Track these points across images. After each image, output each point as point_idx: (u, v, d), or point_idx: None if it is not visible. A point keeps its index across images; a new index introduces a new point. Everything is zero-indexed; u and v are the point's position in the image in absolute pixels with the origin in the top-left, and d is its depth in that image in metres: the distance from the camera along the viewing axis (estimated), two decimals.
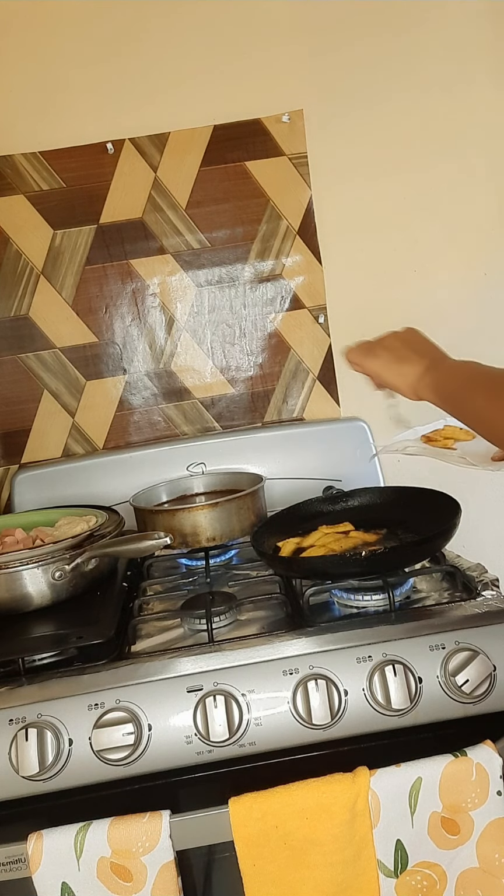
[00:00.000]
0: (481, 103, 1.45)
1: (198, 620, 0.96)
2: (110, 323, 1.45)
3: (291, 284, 1.46)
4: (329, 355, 1.48)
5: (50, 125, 1.39)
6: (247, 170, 1.42)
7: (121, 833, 0.78)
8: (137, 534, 1.07)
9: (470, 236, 1.48)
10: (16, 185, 1.40)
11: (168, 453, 1.41)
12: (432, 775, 0.79)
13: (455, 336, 1.50)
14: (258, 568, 1.12)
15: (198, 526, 1.14)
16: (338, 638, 0.85)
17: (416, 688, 0.81)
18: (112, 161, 1.40)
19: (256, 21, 1.39)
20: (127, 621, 0.97)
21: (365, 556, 0.91)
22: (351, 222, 1.46)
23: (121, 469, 1.41)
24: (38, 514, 1.22)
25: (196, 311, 1.46)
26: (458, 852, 0.80)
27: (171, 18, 1.38)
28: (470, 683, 0.81)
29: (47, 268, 1.42)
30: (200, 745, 0.80)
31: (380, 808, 0.78)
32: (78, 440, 1.47)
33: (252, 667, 0.83)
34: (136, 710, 0.81)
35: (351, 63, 1.41)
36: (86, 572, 1.00)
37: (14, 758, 0.79)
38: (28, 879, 0.78)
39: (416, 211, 1.47)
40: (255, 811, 0.78)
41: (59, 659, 0.91)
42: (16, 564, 0.97)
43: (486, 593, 0.92)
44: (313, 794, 0.78)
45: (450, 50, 1.42)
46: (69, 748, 0.80)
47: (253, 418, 1.50)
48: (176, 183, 1.42)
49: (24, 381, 1.45)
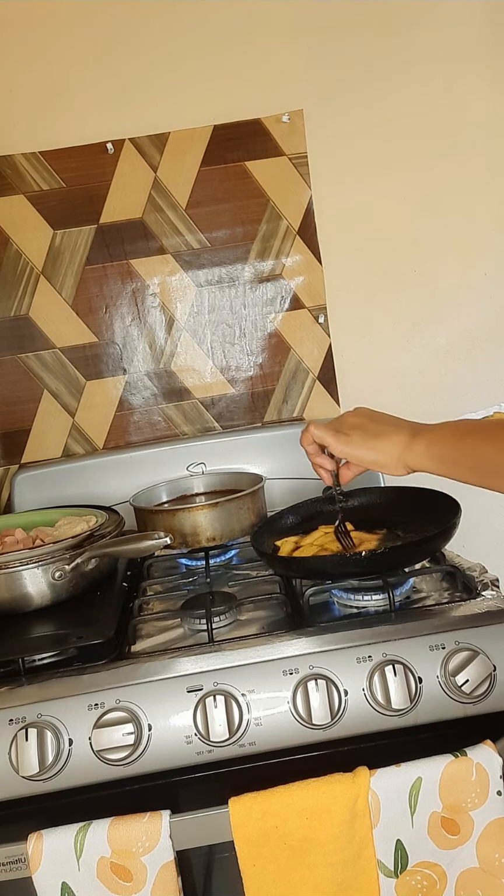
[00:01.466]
0: (481, 103, 1.45)
1: (198, 620, 0.96)
2: (110, 323, 1.45)
3: (291, 284, 1.46)
4: (329, 355, 1.48)
5: (50, 125, 1.39)
6: (247, 170, 1.42)
7: (121, 833, 0.78)
8: (137, 534, 1.07)
9: (470, 236, 1.48)
10: (16, 185, 1.40)
11: (168, 453, 1.41)
12: (432, 775, 0.79)
13: (455, 336, 1.51)
14: (258, 568, 1.12)
15: (198, 526, 1.14)
16: (338, 638, 0.85)
17: (416, 688, 0.81)
18: (112, 161, 1.40)
19: (256, 21, 1.39)
20: (127, 621, 0.97)
21: (365, 556, 0.91)
22: (351, 222, 1.46)
23: (121, 469, 1.40)
24: (38, 514, 1.22)
25: (196, 311, 1.46)
26: (458, 852, 0.80)
27: (171, 18, 1.38)
28: (470, 683, 0.81)
29: (47, 268, 1.42)
30: (200, 745, 0.80)
31: (380, 808, 0.78)
32: (78, 440, 1.47)
33: (252, 667, 0.83)
34: (136, 710, 0.81)
35: (351, 63, 1.41)
36: (86, 572, 1.00)
37: (14, 758, 0.79)
38: (28, 879, 0.78)
39: (416, 211, 1.47)
40: (255, 811, 0.78)
41: (59, 659, 0.91)
42: (16, 564, 0.97)
43: (486, 593, 0.92)
44: (313, 794, 0.78)
45: (450, 49, 1.43)
46: (69, 748, 0.80)
47: (253, 418, 1.50)
48: (176, 183, 1.42)
49: (24, 381, 1.45)
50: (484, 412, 1.16)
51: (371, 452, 0.92)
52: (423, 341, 1.51)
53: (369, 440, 0.92)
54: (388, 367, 1.51)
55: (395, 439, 0.90)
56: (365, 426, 0.94)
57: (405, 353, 1.51)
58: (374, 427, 0.93)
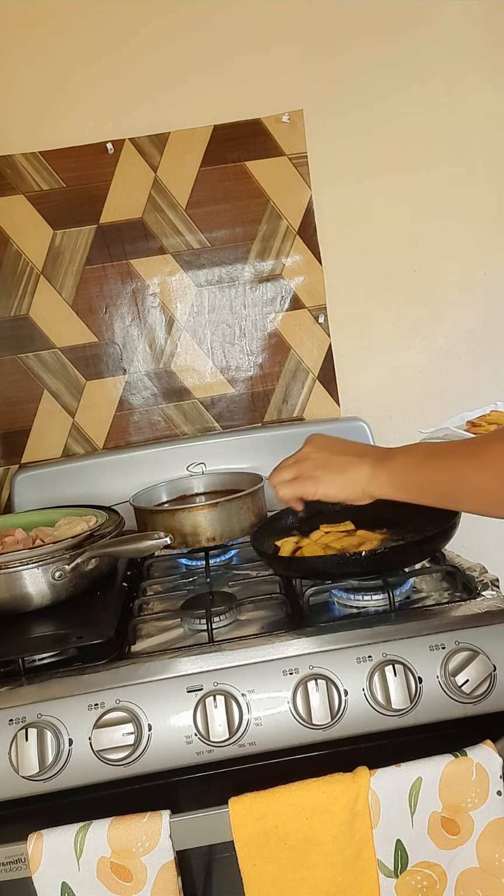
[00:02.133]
0: (481, 103, 1.45)
1: (198, 620, 0.96)
2: (110, 323, 1.45)
3: (291, 284, 1.46)
4: (329, 355, 1.48)
5: (50, 125, 1.39)
6: (247, 170, 1.42)
7: (121, 833, 0.78)
8: (137, 534, 1.07)
9: (470, 236, 1.48)
10: (16, 185, 1.40)
11: (168, 453, 1.41)
12: (432, 775, 0.79)
13: (455, 336, 1.51)
14: (258, 568, 1.12)
15: (198, 526, 1.14)
16: (338, 638, 0.85)
17: (416, 688, 0.81)
18: (112, 161, 1.40)
19: (256, 21, 1.39)
20: (127, 621, 0.97)
21: (365, 555, 0.91)
22: (351, 222, 1.46)
23: (121, 469, 1.41)
24: (38, 514, 1.22)
25: (196, 311, 1.46)
26: (458, 852, 0.80)
27: (171, 18, 1.38)
28: (470, 683, 0.81)
29: (47, 268, 1.42)
30: (200, 745, 0.80)
31: (380, 808, 0.78)
32: (78, 440, 1.47)
33: (252, 667, 0.83)
34: (136, 710, 0.81)
35: (351, 63, 1.41)
36: (86, 572, 1.00)
37: (14, 758, 0.79)
38: (28, 879, 0.78)
39: (416, 211, 1.47)
40: (255, 811, 0.78)
41: (59, 659, 0.91)
42: (16, 564, 0.96)
43: (486, 593, 0.92)
44: (313, 794, 0.78)
45: (450, 49, 1.43)
46: (69, 748, 0.80)
47: (253, 418, 1.50)
48: (176, 183, 1.42)
49: (24, 381, 1.45)
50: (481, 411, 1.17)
51: (336, 489, 0.93)
52: (423, 341, 1.51)
53: (334, 476, 0.93)
54: (388, 367, 1.51)
55: (358, 471, 0.91)
56: (327, 462, 0.94)
57: (405, 353, 1.51)
58: (336, 461, 0.93)
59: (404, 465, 0.87)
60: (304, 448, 0.99)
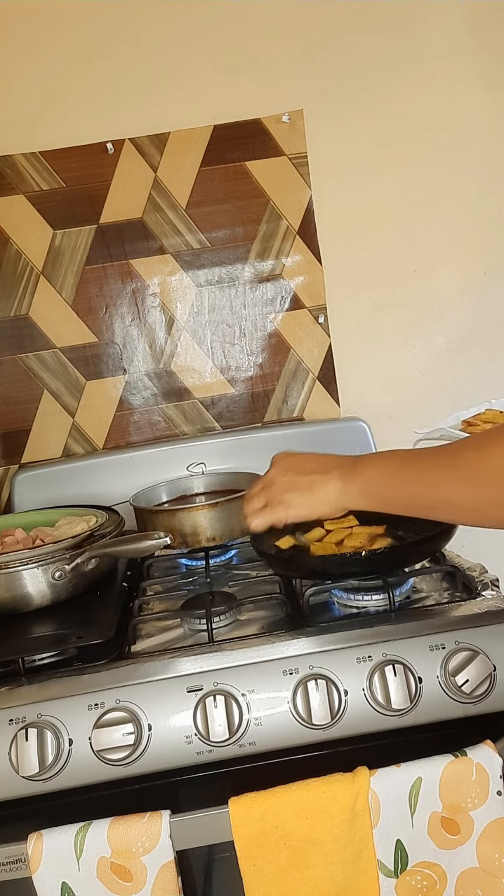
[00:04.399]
0: (481, 103, 1.45)
1: (198, 620, 0.96)
2: (110, 323, 1.45)
3: (291, 284, 1.46)
4: (329, 355, 1.48)
5: (50, 125, 1.39)
6: (247, 170, 1.42)
7: (121, 833, 0.78)
8: (137, 534, 1.07)
9: (470, 236, 1.48)
10: (16, 185, 1.40)
11: (168, 453, 1.41)
12: (432, 775, 0.79)
13: (455, 336, 1.51)
14: (258, 568, 1.12)
15: (198, 526, 1.14)
16: (338, 638, 0.85)
17: (416, 688, 0.81)
18: (112, 161, 1.40)
19: (256, 21, 1.39)
20: (127, 621, 0.97)
21: (365, 556, 0.91)
22: (351, 222, 1.46)
23: (121, 469, 1.40)
24: (38, 514, 1.22)
25: (196, 311, 1.46)
26: (458, 852, 0.80)
27: (171, 18, 1.38)
28: (470, 683, 0.81)
29: (47, 268, 1.42)
30: (200, 745, 0.80)
31: (380, 808, 0.78)
32: (78, 440, 1.47)
33: (252, 667, 0.83)
34: (136, 710, 0.81)
35: (351, 63, 1.41)
36: (86, 572, 1.00)
37: (14, 758, 0.79)
38: (28, 879, 0.78)
39: (416, 211, 1.47)
40: (255, 811, 0.78)
41: (59, 659, 0.91)
42: (16, 564, 0.97)
43: (486, 593, 0.92)
44: (313, 794, 0.78)
45: (450, 49, 1.42)
46: (69, 748, 0.80)
47: (253, 418, 1.50)
48: (176, 183, 1.42)
49: (24, 381, 1.45)
50: (475, 410, 1.16)
51: (308, 510, 0.90)
52: (423, 341, 1.51)
53: (302, 497, 0.90)
54: (388, 367, 1.51)
55: (326, 488, 0.88)
56: (294, 483, 0.91)
57: (405, 352, 1.51)
58: (302, 481, 0.91)
59: (375, 477, 0.85)
60: (269, 472, 0.96)
